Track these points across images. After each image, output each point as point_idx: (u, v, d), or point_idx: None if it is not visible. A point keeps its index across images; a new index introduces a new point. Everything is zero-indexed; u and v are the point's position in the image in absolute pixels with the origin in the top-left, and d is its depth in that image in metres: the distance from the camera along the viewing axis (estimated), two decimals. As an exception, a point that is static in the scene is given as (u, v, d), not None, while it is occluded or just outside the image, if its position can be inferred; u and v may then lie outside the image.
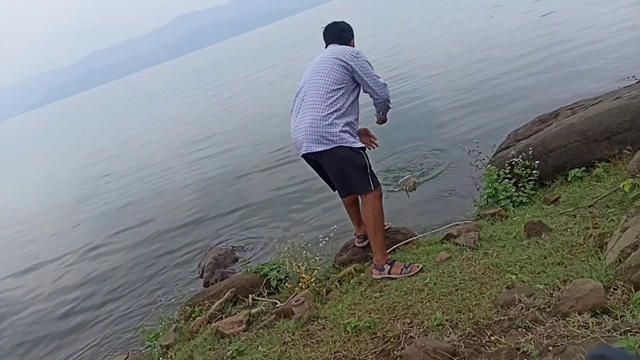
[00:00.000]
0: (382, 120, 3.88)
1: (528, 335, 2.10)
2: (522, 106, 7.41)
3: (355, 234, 4.14)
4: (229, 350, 3.05)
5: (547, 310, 2.25)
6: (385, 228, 4.08)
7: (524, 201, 4.07)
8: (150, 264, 6.61)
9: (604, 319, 2.02)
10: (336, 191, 3.62)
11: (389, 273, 3.31)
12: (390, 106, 3.64)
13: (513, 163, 4.38)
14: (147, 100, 42.56)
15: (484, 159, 4.86)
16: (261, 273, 4.35)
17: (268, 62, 34.13)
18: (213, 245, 6.36)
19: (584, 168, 4.09)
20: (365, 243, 4.01)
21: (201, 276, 5.52)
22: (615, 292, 2.19)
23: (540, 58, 9.98)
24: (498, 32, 14.84)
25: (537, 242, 3.02)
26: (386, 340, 2.53)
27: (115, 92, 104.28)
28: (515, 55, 10.99)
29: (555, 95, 7.25)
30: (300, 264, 4.01)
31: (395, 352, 2.41)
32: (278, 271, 4.26)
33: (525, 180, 4.24)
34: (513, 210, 3.97)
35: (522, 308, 2.31)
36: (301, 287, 3.73)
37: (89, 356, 4.83)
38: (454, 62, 12.61)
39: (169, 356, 3.59)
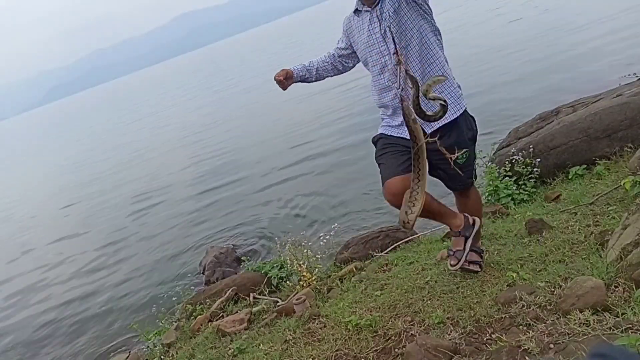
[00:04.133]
0: None
1: (529, 333, 2.10)
2: (522, 104, 7.41)
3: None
4: (230, 349, 3.06)
5: (548, 308, 2.25)
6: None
7: (524, 199, 4.08)
8: (151, 263, 6.62)
9: (605, 316, 2.02)
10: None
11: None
12: None
13: (514, 161, 4.37)
14: (147, 100, 42.56)
15: (484, 157, 4.86)
16: (262, 271, 4.36)
17: (268, 62, 34.13)
18: (214, 244, 6.37)
19: (585, 166, 4.09)
20: None
21: (202, 274, 5.53)
22: (617, 289, 2.19)
23: (540, 56, 9.97)
24: (498, 30, 14.82)
25: (538, 240, 3.02)
26: (387, 338, 2.53)
27: (115, 91, 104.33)
28: (516, 53, 10.98)
29: (556, 92, 7.24)
30: (301, 262, 4.01)
31: (396, 350, 2.41)
32: (279, 269, 4.27)
33: (526, 178, 4.24)
34: (514, 208, 3.97)
35: (523, 306, 2.31)
36: (302, 285, 3.74)
37: (90, 355, 4.84)
38: (454, 60, 12.58)
39: (170, 354, 3.60)
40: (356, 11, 2.53)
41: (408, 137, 2.37)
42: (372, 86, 2.61)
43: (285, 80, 2.66)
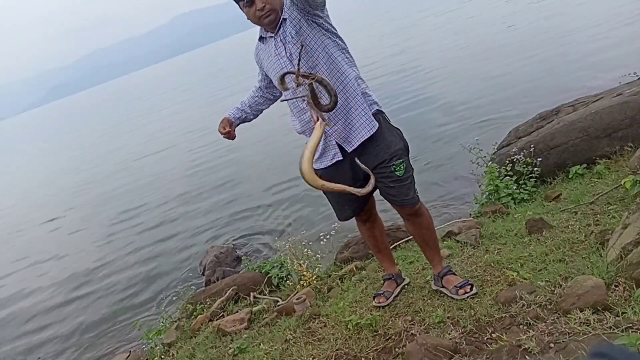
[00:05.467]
0: None
1: (529, 332, 2.10)
2: (523, 103, 7.40)
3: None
4: (230, 348, 3.06)
5: (549, 307, 2.25)
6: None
7: (525, 198, 4.08)
8: (152, 263, 6.62)
9: (605, 315, 2.02)
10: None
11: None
12: None
13: (514, 160, 4.38)
14: (147, 101, 42.58)
15: (484, 157, 4.86)
16: (262, 271, 4.36)
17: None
18: (214, 243, 6.37)
19: (585, 165, 4.09)
20: None
21: (202, 274, 5.53)
22: (617, 289, 2.18)
23: (540, 55, 9.97)
24: (497, 28, 14.81)
25: (538, 239, 3.02)
26: (387, 337, 2.53)
27: (115, 91, 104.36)
28: (515, 52, 10.97)
29: (556, 92, 7.24)
30: (301, 261, 4.01)
31: (396, 349, 2.41)
32: (279, 269, 4.27)
33: (526, 177, 4.24)
34: (514, 208, 3.97)
35: (524, 305, 2.31)
36: (302, 284, 3.74)
37: (91, 354, 4.84)
38: (454, 60, 12.59)
39: (170, 354, 3.60)
40: (261, 38, 2.50)
41: (338, 159, 2.46)
42: (290, 113, 2.56)
43: (230, 128, 2.63)
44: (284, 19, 2.33)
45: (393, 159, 2.44)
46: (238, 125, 2.74)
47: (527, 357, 1.95)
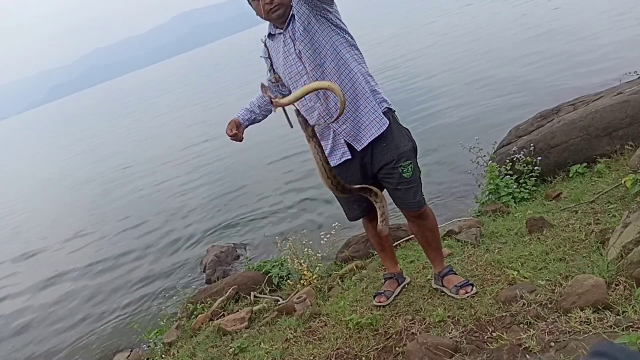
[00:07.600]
0: None
1: (530, 331, 2.10)
2: (523, 102, 7.40)
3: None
4: (231, 347, 3.06)
5: (549, 306, 2.25)
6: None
7: (525, 197, 4.07)
8: (152, 262, 6.62)
9: (605, 314, 2.02)
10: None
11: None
12: None
13: (514, 159, 4.37)
14: (147, 100, 42.60)
15: (484, 156, 4.86)
16: (263, 270, 4.36)
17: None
18: (215, 243, 6.37)
19: (585, 164, 4.09)
20: None
21: (203, 273, 5.54)
22: (617, 287, 2.19)
23: (540, 54, 9.96)
24: (497, 27, 14.81)
25: (539, 238, 3.02)
26: (388, 336, 2.53)
27: (116, 91, 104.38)
28: (516, 51, 10.97)
29: (556, 91, 7.24)
30: (302, 261, 4.02)
31: (397, 348, 2.41)
32: (280, 268, 4.27)
33: (526, 176, 4.23)
34: (514, 207, 3.97)
35: (524, 304, 2.31)
36: (303, 284, 3.74)
37: (91, 354, 4.85)
38: (454, 59, 12.58)
39: (171, 353, 3.60)
40: (270, 35, 2.48)
41: (347, 158, 2.42)
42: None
43: (237, 130, 2.58)
44: (293, 15, 2.31)
45: (401, 159, 2.41)
46: (247, 126, 2.68)
47: (527, 356, 1.95)
